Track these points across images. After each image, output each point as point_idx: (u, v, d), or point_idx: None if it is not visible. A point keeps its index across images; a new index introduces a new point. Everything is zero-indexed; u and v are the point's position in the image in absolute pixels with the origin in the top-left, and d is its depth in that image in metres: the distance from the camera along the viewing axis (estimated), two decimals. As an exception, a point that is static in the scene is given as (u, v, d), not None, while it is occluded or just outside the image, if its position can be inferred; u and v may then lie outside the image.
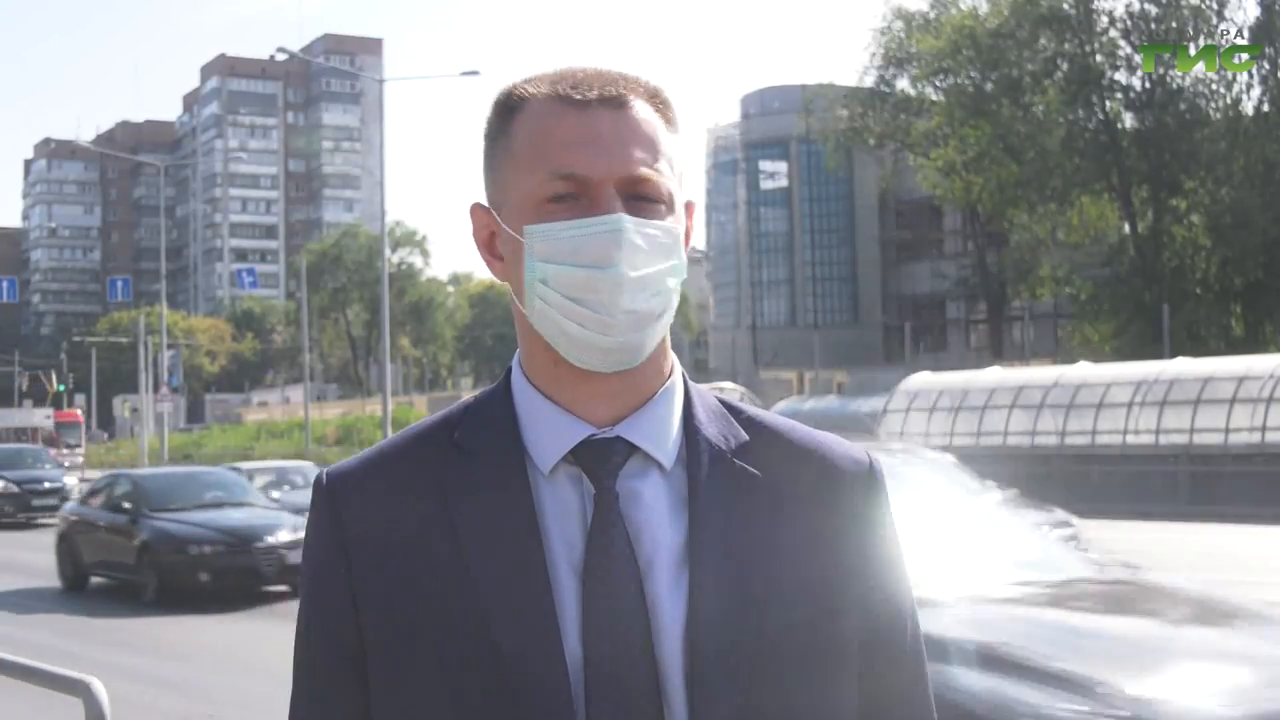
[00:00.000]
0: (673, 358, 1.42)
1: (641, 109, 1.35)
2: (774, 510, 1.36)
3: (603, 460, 1.34)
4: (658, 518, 1.34)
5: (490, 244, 1.41)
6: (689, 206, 1.41)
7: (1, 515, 27.85)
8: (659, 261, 1.33)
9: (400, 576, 1.34)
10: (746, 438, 1.40)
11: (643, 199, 1.33)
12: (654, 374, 1.38)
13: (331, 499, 1.39)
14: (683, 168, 1.39)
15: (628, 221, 1.31)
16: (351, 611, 1.36)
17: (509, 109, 1.38)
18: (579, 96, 1.33)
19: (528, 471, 1.35)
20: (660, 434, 1.37)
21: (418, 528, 1.34)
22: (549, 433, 1.36)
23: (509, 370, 1.43)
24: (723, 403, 1.44)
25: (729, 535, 1.34)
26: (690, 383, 1.44)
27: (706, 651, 1.30)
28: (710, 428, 1.39)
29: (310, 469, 22.89)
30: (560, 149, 1.32)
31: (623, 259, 1.30)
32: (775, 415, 1.45)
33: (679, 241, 1.36)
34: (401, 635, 1.33)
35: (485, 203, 1.42)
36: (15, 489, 28.20)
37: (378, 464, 1.40)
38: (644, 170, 1.33)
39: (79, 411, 68.20)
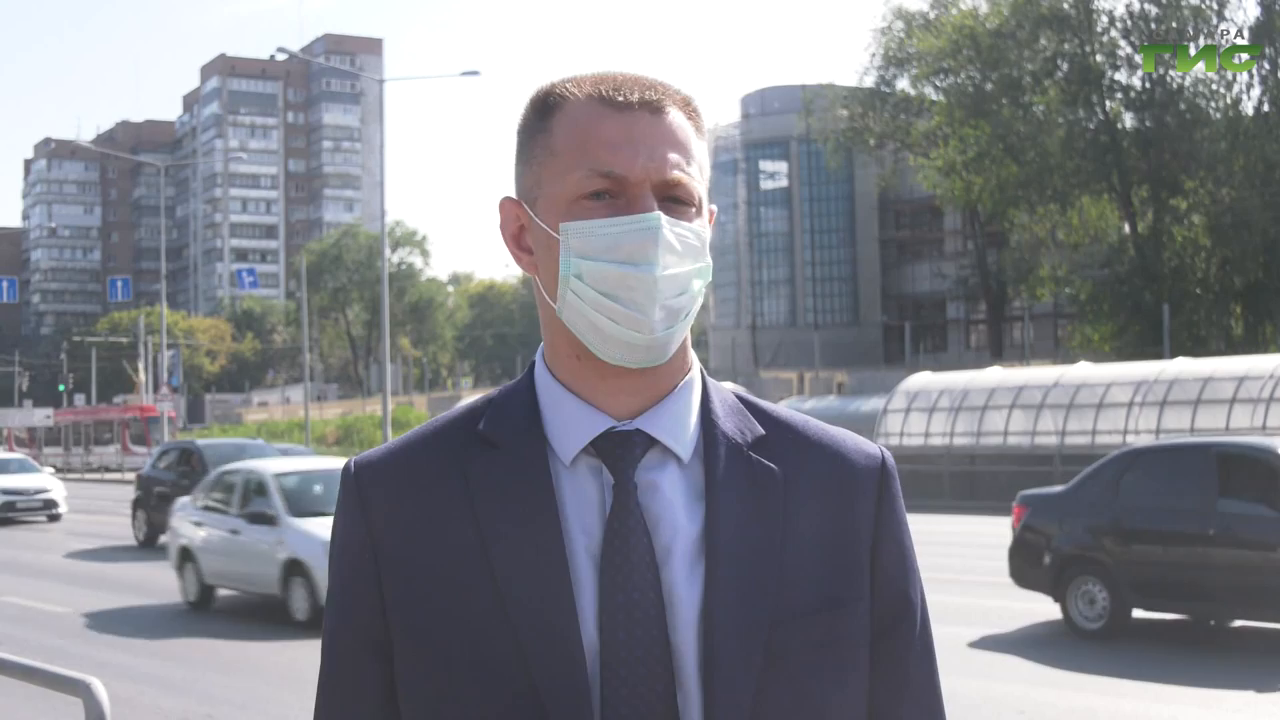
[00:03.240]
0: (692, 355, 1.46)
1: (676, 115, 1.39)
2: (789, 503, 1.39)
3: (622, 452, 1.37)
4: (675, 508, 1.37)
5: (519, 237, 1.44)
6: (710, 211, 1.44)
7: None
8: (688, 262, 1.36)
9: (424, 564, 1.37)
10: (763, 432, 1.43)
11: (676, 201, 1.37)
12: (674, 370, 1.42)
13: (359, 488, 1.42)
14: (708, 173, 1.43)
15: (664, 220, 1.34)
16: (377, 599, 1.39)
17: (548, 107, 1.41)
18: (621, 99, 1.37)
19: (549, 462, 1.38)
20: (678, 427, 1.40)
21: (441, 516, 1.38)
22: (570, 424, 1.39)
23: (533, 364, 1.47)
24: (740, 398, 1.48)
25: (745, 527, 1.37)
26: (708, 379, 1.47)
27: (721, 640, 1.33)
28: (727, 422, 1.43)
29: None
30: (601, 148, 1.36)
31: (658, 257, 1.33)
32: (790, 411, 1.49)
33: (706, 244, 1.40)
34: (425, 622, 1.36)
35: (514, 196, 1.45)
36: None
37: (404, 454, 1.43)
38: (678, 173, 1.36)
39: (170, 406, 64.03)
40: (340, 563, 1.44)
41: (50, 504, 28.88)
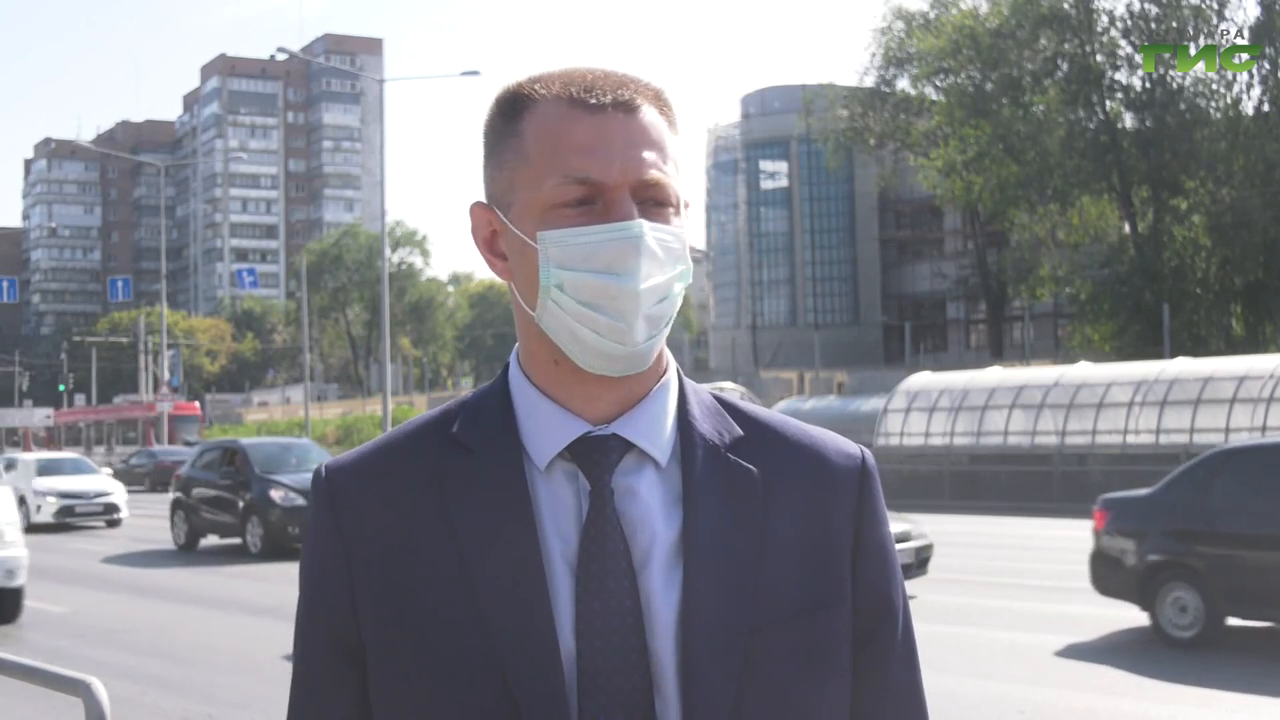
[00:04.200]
0: (668, 355, 1.43)
1: (649, 112, 1.36)
2: (768, 504, 1.37)
3: (598, 457, 1.35)
4: (652, 513, 1.35)
5: (491, 242, 1.40)
6: (685, 205, 1.41)
7: (289, 539, 18.99)
8: (669, 268, 1.33)
9: (399, 571, 1.35)
10: (741, 433, 1.41)
11: (655, 202, 1.33)
12: (650, 372, 1.39)
13: (331, 494, 1.40)
14: (683, 168, 1.40)
15: (646, 228, 1.31)
16: (351, 607, 1.37)
17: (517, 108, 1.37)
18: (593, 100, 1.33)
19: (524, 467, 1.36)
20: (655, 431, 1.38)
21: (416, 523, 1.35)
22: (546, 429, 1.37)
23: (506, 366, 1.44)
24: (718, 399, 1.45)
25: (723, 530, 1.35)
26: (685, 380, 1.44)
27: (699, 646, 1.31)
28: (705, 424, 1.40)
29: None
30: (575, 153, 1.32)
31: (641, 266, 1.30)
32: (769, 411, 1.46)
33: (686, 245, 1.37)
34: (399, 630, 1.34)
35: (484, 199, 1.41)
36: (300, 501, 18.93)
37: (377, 459, 1.41)
38: (656, 174, 1.33)
39: (196, 404, 60.48)
40: (312, 569, 1.41)
41: (111, 508, 26.54)
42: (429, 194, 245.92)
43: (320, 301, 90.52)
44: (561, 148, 1.32)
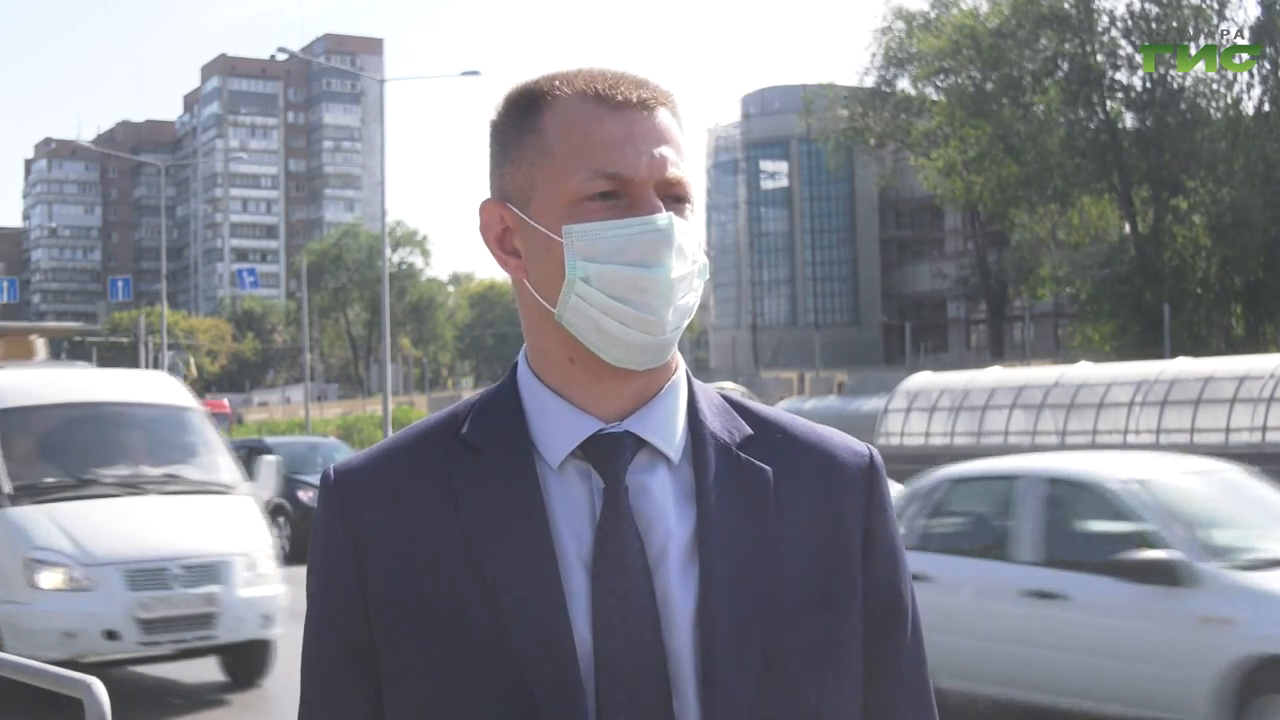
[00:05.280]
0: (677, 355, 1.44)
1: (664, 113, 1.39)
2: (780, 502, 1.38)
3: (613, 455, 1.36)
4: (666, 511, 1.36)
5: (503, 239, 1.41)
6: None
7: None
8: (689, 262, 1.36)
9: (411, 573, 1.35)
10: (751, 432, 1.42)
11: (675, 199, 1.37)
12: (662, 370, 1.40)
13: (341, 498, 1.40)
14: (692, 169, 1.43)
15: (675, 221, 1.34)
16: (363, 610, 1.37)
17: (535, 105, 1.38)
18: (620, 98, 1.36)
19: (536, 466, 1.37)
20: (667, 429, 1.39)
21: (427, 525, 1.36)
22: (558, 428, 1.37)
23: (514, 366, 1.44)
24: (725, 398, 1.46)
25: (737, 527, 1.36)
26: (693, 379, 1.46)
27: (717, 642, 1.31)
28: (715, 422, 1.41)
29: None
30: (603, 148, 1.34)
31: (671, 259, 1.33)
32: (776, 410, 1.47)
33: (700, 242, 1.39)
34: (414, 632, 1.34)
35: (493, 198, 1.42)
36: None
37: (385, 461, 1.41)
38: (677, 172, 1.37)
39: (225, 401, 59.63)
40: (322, 573, 1.41)
41: None
42: (429, 194, 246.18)
43: (320, 301, 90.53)
44: (589, 143, 1.34)
